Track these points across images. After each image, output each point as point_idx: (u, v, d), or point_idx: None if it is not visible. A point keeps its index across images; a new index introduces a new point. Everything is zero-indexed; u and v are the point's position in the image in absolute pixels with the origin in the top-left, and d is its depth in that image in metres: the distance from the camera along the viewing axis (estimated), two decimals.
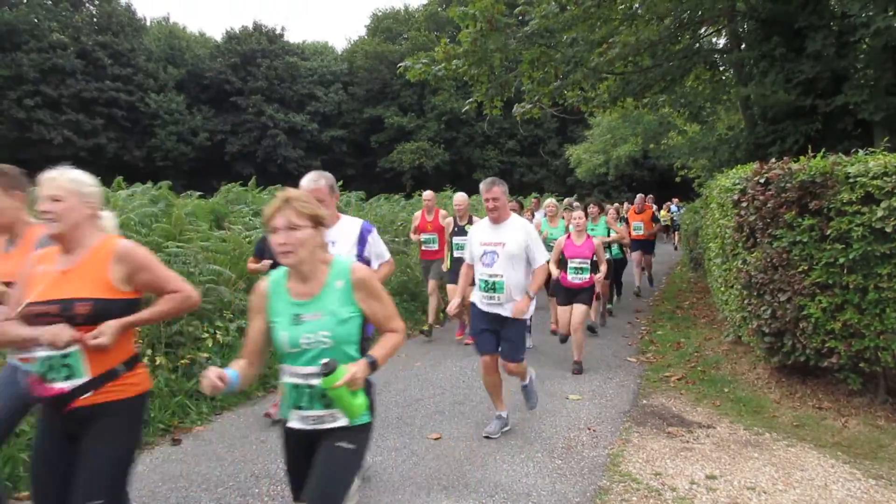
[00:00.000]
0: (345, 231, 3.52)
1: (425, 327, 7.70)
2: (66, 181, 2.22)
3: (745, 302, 5.32)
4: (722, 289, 6.85)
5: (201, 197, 9.81)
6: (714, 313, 8.44)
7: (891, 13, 7.22)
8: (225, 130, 42.73)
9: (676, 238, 21.02)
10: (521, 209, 9.37)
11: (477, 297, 4.33)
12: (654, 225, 11.29)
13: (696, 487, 3.63)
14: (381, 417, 4.76)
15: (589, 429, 4.62)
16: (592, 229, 7.95)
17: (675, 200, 22.04)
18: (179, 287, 2.36)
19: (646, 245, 11.33)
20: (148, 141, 40.10)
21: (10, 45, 34.05)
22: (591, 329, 7.71)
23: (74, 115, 36.03)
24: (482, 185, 4.25)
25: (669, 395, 5.44)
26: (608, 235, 8.32)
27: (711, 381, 5.75)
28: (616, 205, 11.14)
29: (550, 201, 8.51)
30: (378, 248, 3.64)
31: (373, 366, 2.14)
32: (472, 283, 4.52)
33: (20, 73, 33.87)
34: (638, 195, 11.86)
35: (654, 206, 18.39)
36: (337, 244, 3.40)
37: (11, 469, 3.56)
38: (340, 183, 9.47)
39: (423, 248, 7.88)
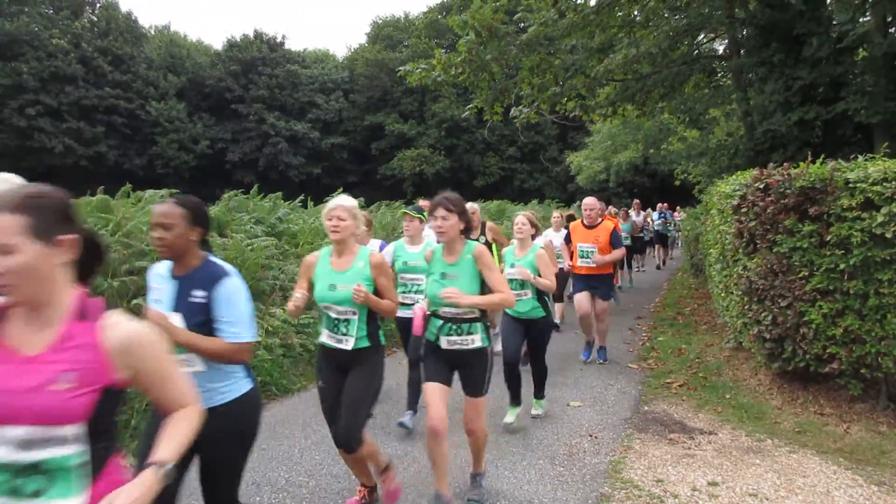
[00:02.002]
0: None
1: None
2: None
3: (746, 308, 5.33)
4: (722, 295, 6.85)
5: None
6: (715, 319, 8.43)
7: (865, 19, 7.37)
8: (226, 138, 42.96)
9: (661, 254, 17.06)
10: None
11: None
12: (612, 249, 6.42)
13: (698, 494, 3.62)
14: (383, 425, 4.77)
15: (590, 435, 4.61)
16: (442, 272, 3.32)
17: (661, 207, 16.80)
18: None
19: (600, 284, 6.49)
20: (149, 149, 40.33)
21: (11, 54, 34.28)
22: None
23: (75, 122, 36.24)
24: None
25: (671, 401, 5.44)
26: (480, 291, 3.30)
27: (713, 387, 5.74)
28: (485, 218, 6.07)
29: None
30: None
31: None
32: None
33: (20, 82, 34.09)
34: (588, 198, 6.78)
35: (641, 215, 14.30)
36: None
37: None
38: (340, 190, 9.43)
39: None
